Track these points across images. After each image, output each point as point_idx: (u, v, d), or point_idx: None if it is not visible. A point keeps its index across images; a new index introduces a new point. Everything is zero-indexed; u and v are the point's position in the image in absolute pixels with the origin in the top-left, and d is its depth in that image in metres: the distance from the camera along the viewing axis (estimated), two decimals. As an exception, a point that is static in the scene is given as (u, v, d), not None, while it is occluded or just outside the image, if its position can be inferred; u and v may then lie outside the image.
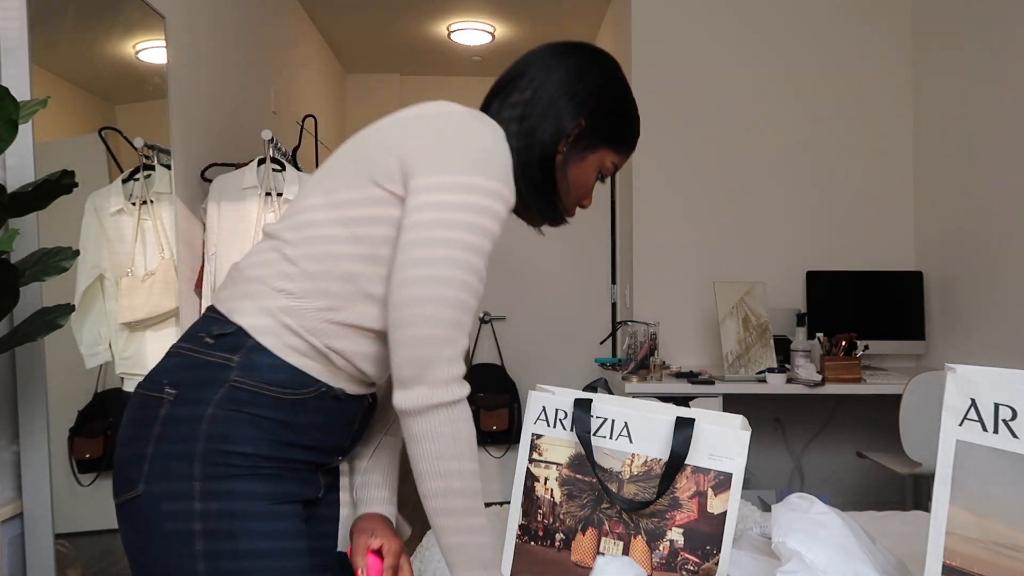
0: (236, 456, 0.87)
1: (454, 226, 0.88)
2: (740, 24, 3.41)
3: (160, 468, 0.86)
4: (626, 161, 1.11)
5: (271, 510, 0.89)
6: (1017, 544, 0.77)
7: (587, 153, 1.04)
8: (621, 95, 1.06)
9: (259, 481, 0.89)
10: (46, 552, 1.67)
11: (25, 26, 1.66)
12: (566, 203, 1.07)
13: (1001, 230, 2.70)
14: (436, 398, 0.86)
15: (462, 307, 0.88)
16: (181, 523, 0.85)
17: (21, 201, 1.41)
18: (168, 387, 0.89)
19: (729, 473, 0.99)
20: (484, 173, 0.90)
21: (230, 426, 0.87)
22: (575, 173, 1.05)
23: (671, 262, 3.39)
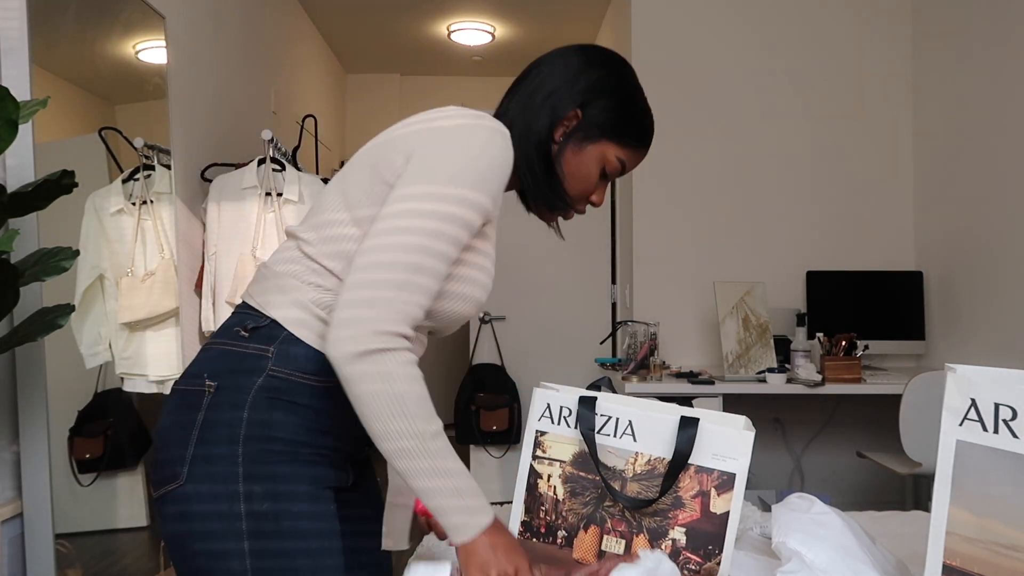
0: (277, 441, 0.91)
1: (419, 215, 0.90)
2: (740, 24, 3.41)
3: (205, 456, 0.90)
4: (637, 161, 1.11)
5: (312, 493, 0.93)
6: (1017, 544, 0.77)
7: (585, 144, 1.05)
8: (625, 89, 1.08)
9: (299, 465, 0.93)
10: (46, 552, 1.67)
11: (25, 26, 1.66)
12: (571, 195, 1.08)
13: (1001, 230, 2.70)
14: (363, 345, 0.85)
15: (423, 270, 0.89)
16: (226, 521, 0.89)
17: (21, 201, 1.41)
18: (208, 380, 0.94)
19: (732, 473, 0.99)
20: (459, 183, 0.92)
21: (270, 413, 0.92)
22: (573, 164, 1.05)
23: (671, 262, 3.39)
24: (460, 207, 0.91)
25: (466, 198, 0.92)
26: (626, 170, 1.11)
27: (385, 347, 0.86)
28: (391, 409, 0.86)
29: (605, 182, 1.10)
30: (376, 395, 0.85)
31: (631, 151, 1.09)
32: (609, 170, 1.08)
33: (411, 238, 0.89)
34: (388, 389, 0.85)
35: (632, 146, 1.08)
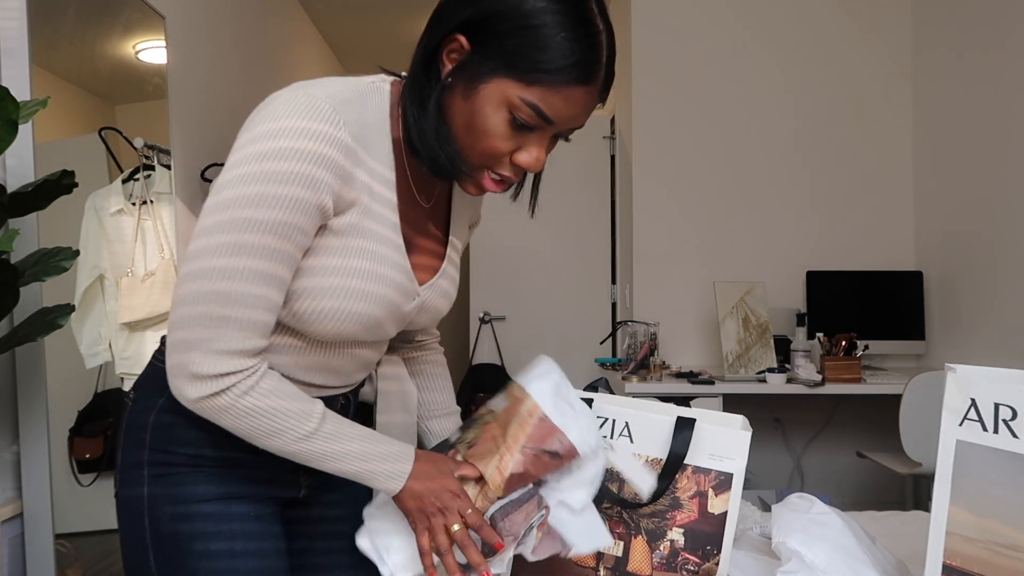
0: (179, 457, 0.88)
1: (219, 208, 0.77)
2: (740, 25, 3.41)
3: (124, 466, 0.90)
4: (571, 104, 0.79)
5: (219, 510, 0.88)
6: (1017, 544, 0.77)
7: (476, 83, 0.79)
8: (527, 4, 0.77)
9: (204, 481, 0.88)
10: (46, 552, 1.67)
11: (25, 26, 1.66)
12: (470, 153, 0.83)
13: (1001, 230, 2.70)
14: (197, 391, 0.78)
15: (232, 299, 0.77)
16: (136, 525, 0.88)
17: (21, 201, 1.41)
18: (132, 392, 0.94)
19: (730, 473, 0.99)
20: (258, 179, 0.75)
21: (172, 430, 0.88)
22: (465, 110, 0.81)
23: (671, 262, 3.39)
24: (261, 208, 0.75)
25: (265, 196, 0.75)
26: (553, 118, 0.80)
27: (214, 391, 0.78)
28: (257, 435, 0.81)
29: (532, 135, 0.82)
30: (237, 428, 0.81)
31: (546, 90, 0.78)
32: (520, 117, 0.79)
33: (210, 261, 0.76)
34: (240, 424, 0.80)
35: (546, 83, 0.77)
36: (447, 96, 0.82)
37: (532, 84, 0.78)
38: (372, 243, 0.84)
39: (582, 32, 0.78)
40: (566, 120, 0.82)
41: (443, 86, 0.82)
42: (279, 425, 0.81)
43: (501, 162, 0.84)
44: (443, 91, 0.82)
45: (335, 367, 0.93)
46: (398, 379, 1.06)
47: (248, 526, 0.90)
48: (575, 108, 0.80)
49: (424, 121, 0.83)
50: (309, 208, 0.78)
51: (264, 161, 0.76)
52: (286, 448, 0.82)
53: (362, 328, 0.86)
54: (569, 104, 0.79)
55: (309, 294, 0.82)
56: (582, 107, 0.81)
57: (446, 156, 0.83)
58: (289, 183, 0.76)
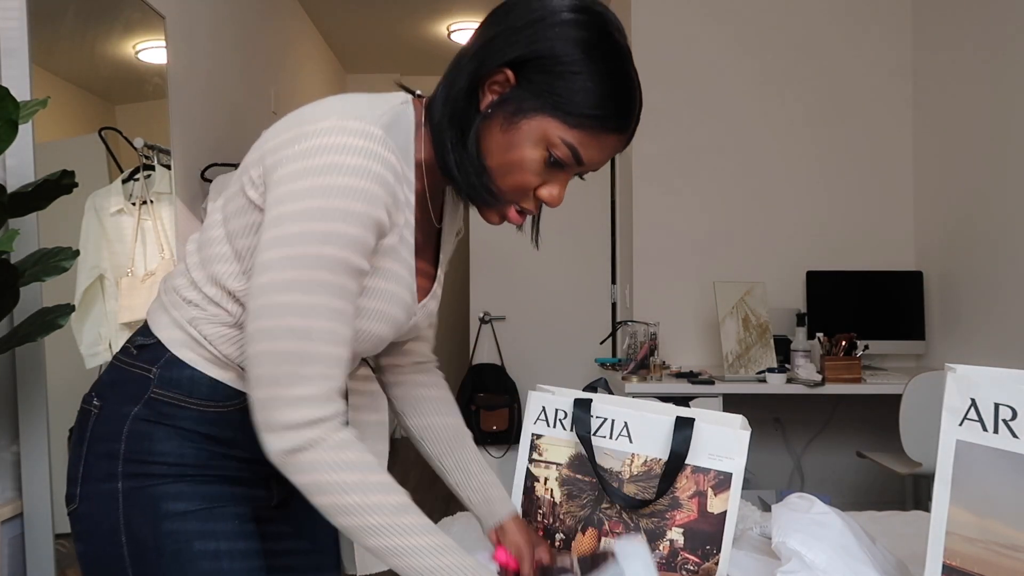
0: (159, 465, 0.85)
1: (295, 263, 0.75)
2: (740, 25, 3.41)
3: (90, 480, 0.86)
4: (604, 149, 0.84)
5: (201, 512, 0.86)
6: (1017, 544, 0.77)
7: (518, 118, 0.81)
8: (580, 51, 0.79)
9: (185, 485, 0.86)
10: (46, 552, 1.67)
11: (25, 26, 1.66)
12: (500, 183, 0.84)
13: (1001, 230, 2.70)
14: (283, 444, 0.76)
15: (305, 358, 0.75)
16: (111, 544, 0.85)
17: (21, 201, 1.41)
18: (96, 399, 0.90)
19: (729, 473, 0.99)
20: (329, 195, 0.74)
21: (150, 437, 0.85)
22: (502, 144, 0.82)
23: (671, 262, 3.39)
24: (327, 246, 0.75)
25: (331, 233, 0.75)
26: (585, 161, 0.83)
27: (301, 444, 0.76)
28: (332, 503, 0.77)
29: (559, 173, 0.84)
30: (309, 488, 0.77)
31: (586, 134, 0.81)
32: (558, 157, 0.82)
33: (293, 296, 0.75)
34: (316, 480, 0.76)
35: (588, 128, 0.81)
36: (485, 125, 0.83)
37: (575, 127, 0.80)
38: (399, 267, 0.85)
39: (625, 85, 0.83)
40: (594, 163, 0.85)
41: (483, 115, 0.83)
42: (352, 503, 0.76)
43: (527, 196, 0.86)
44: (483, 120, 0.83)
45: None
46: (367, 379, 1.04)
47: (231, 526, 0.88)
48: (605, 154, 0.84)
49: (463, 150, 0.84)
50: (370, 247, 0.79)
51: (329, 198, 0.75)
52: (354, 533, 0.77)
53: (371, 346, 0.87)
54: (602, 150, 0.83)
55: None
56: (610, 153, 0.85)
57: (482, 185, 0.84)
58: (356, 224, 0.76)
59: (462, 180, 0.85)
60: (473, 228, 3.96)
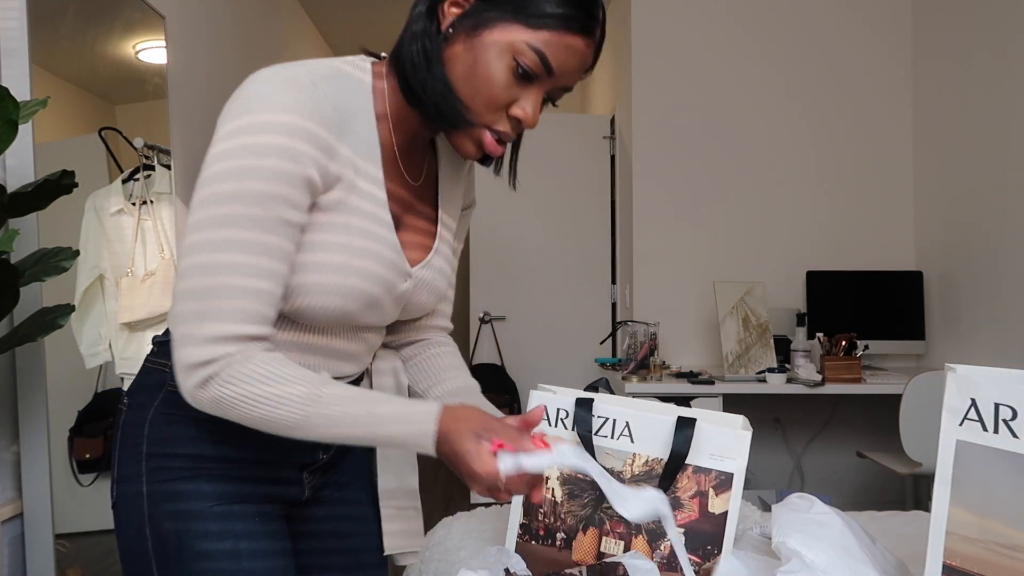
0: (177, 458, 0.86)
1: (212, 201, 0.76)
2: (740, 24, 3.41)
3: (122, 476, 0.88)
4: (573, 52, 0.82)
5: (221, 511, 0.86)
6: (1017, 544, 0.77)
7: (480, 30, 0.80)
8: None
9: (204, 482, 0.87)
10: (46, 552, 1.67)
11: (25, 26, 1.66)
12: (469, 104, 0.82)
13: (1001, 230, 2.70)
14: (191, 380, 0.76)
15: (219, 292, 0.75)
16: (136, 528, 0.86)
17: (21, 201, 1.41)
18: (125, 399, 0.92)
19: (730, 473, 0.99)
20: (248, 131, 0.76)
21: (169, 430, 0.86)
22: (467, 60, 0.81)
23: (671, 262, 3.39)
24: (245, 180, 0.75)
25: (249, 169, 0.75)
26: (555, 66, 0.81)
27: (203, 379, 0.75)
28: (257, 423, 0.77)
29: (531, 87, 0.83)
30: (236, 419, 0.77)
31: (551, 36, 0.80)
32: (527, 67, 0.80)
33: (202, 234, 0.75)
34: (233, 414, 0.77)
35: (556, 29, 0.79)
36: (448, 46, 0.82)
37: (539, 28, 0.79)
38: (359, 219, 0.84)
39: None
40: (564, 72, 0.83)
41: (444, 37, 0.82)
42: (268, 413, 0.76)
43: (500, 116, 0.84)
44: (444, 42, 0.82)
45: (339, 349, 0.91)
46: (394, 373, 1.04)
47: (251, 526, 0.88)
48: (574, 60, 0.82)
49: (428, 71, 0.83)
50: (294, 180, 0.77)
51: (244, 136, 0.76)
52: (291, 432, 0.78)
53: (356, 304, 0.85)
54: (570, 54, 0.81)
55: (298, 269, 0.81)
56: (579, 61, 0.83)
57: (449, 106, 0.83)
58: (272, 156, 0.75)
59: (430, 103, 0.83)
60: (473, 228, 3.96)
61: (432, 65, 0.82)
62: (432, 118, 0.85)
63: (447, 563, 1.26)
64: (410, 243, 0.93)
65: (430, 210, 0.98)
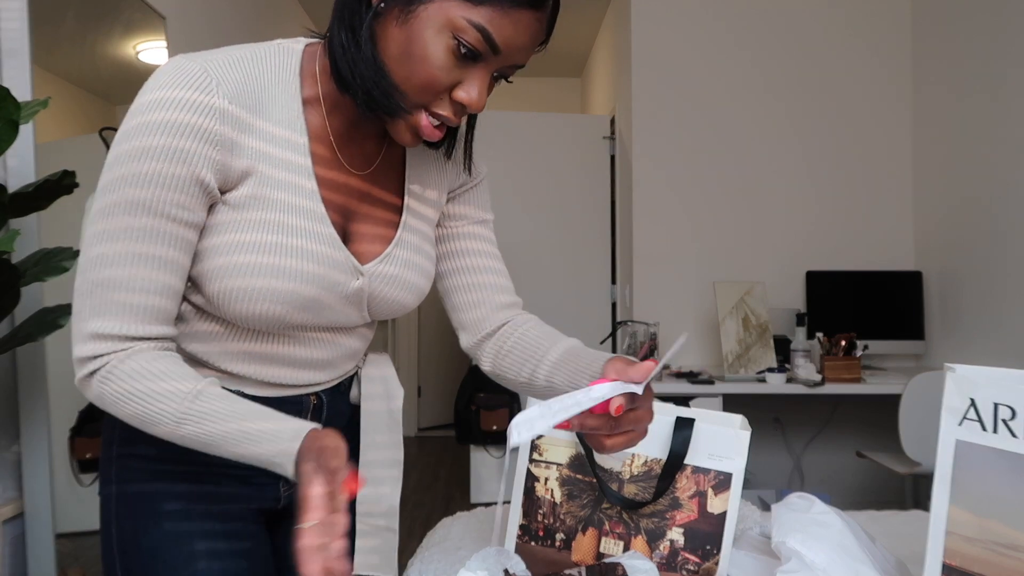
0: (141, 459, 0.85)
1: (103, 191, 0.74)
2: (739, 25, 3.41)
3: (101, 477, 0.88)
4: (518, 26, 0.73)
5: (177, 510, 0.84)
6: (1017, 544, 0.77)
7: (415, 5, 0.72)
8: None
9: (165, 482, 0.85)
10: (47, 552, 1.68)
11: (26, 27, 1.66)
12: (404, 87, 0.74)
13: (1001, 230, 2.70)
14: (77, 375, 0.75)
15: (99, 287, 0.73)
16: (106, 527, 0.86)
17: (22, 201, 1.41)
18: None
19: (729, 473, 0.99)
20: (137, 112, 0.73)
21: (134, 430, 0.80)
22: (401, 37, 0.73)
23: (671, 262, 3.39)
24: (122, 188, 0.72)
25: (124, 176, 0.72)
26: (501, 45, 0.73)
27: (83, 374, 0.75)
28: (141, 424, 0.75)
29: (475, 68, 0.75)
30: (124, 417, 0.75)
31: (495, 10, 0.71)
32: (465, 41, 0.72)
33: (87, 251, 0.74)
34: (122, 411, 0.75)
35: (495, 1, 0.71)
36: (379, 23, 0.74)
37: (480, 3, 0.71)
38: (278, 214, 0.77)
39: None
40: (513, 50, 0.74)
41: (375, 12, 0.74)
42: (151, 409, 0.74)
43: (439, 99, 0.76)
44: (375, 17, 0.74)
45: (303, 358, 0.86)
46: (384, 381, 1.00)
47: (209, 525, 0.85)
48: (523, 36, 0.74)
49: (357, 51, 0.75)
50: (183, 183, 0.73)
51: (131, 139, 0.72)
52: (171, 434, 0.75)
53: (290, 308, 0.79)
54: (518, 30, 0.73)
55: (216, 275, 0.76)
56: (529, 36, 0.74)
57: (380, 90, 0.75)
58: (156, 159, 0.72)
59: (359, 85, 0.75)
60: (473, 228, 3.96)
61: (361, 46, 0.74)
62: (362, 104, 0.77)
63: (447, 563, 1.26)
64: (366, 235, 0.85)
65: (394, 198, 0.89)
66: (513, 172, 3.84)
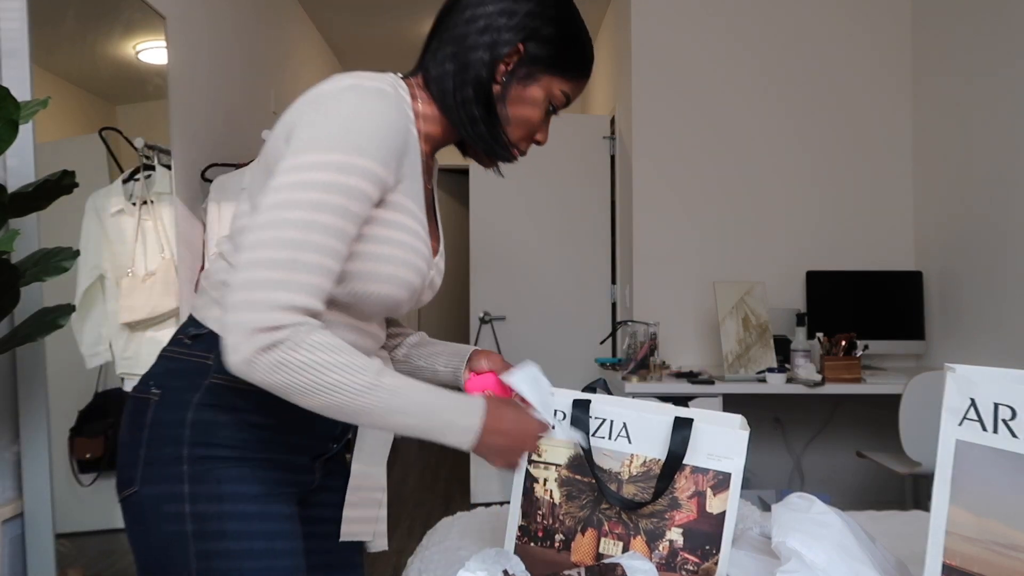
0: (221, 447, 0.91)
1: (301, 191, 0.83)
2: (739, 25, 3.41)
3: (152, 468, 0.91)
4: (580, 91, 1.06)
5: (260, 494, 0.92)
6: (1017, 544, 0.77)
7: (529, 82, 0.99)
8: (564, 17, 1.01)
9: (245, 468, 0.92)
10: (47, 552, 1.68)
11: (26, 27, 1.66)
12: (513, 138, 1.02)
13: (1001, 229, 2.70)
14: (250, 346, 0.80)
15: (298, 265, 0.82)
16: (174, 523, 0.89)
17: (22, 201, 1.41)
18: (154, 388, 0.94)
19: (728, 473, 0.99)
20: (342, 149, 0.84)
21: (213, 417, 0.91)
22: (519, 105, 1.00)
23: (671, 262, 3.39)
24: (340, 174, 0.84)
25: (346, 164, 0.84)
26: (570, 102, 1.06)
27: (268, 343, 0.80)
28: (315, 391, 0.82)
29: (549, 118, 1.05)
30: (292, 386, 0.81)
31: (577, 82, 1.04)
32: (556, 105, 1.03)
33: (289, 213, 0.82)
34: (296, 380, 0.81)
35: (578, 77, 1.03)
36: (500, 92, 0.99)
37: (573, 79, 1.03)
38: (409, 218, 0.95)
39: (589, 41, 1.05)
40: (572, 104, 1.07)
41: (499, 84, 0.99)
42: (337, 379, 0.82)
43: (526, 142, 1.05)
44: (498, 92, 0.99)
45: (361, 345, 0.99)
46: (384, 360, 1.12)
47: (283, 509, 0.95)
48: (580, 93, 1.07)
49: (494, 118, 1.00)
50: (368, 200, 0.88)
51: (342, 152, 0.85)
52: (349, 404, 0.83)
53: (404, 292, 0.95)
54: (578, 92, 1.06)
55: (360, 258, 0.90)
56: (581, 92, 1.07)
57: (500, 143, 1.02)
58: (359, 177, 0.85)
59: (487, 144, 1.02)
60: (473, 228, 3.96)
61: (491, 114, 1.00)
62: (482, 150, 1.04)
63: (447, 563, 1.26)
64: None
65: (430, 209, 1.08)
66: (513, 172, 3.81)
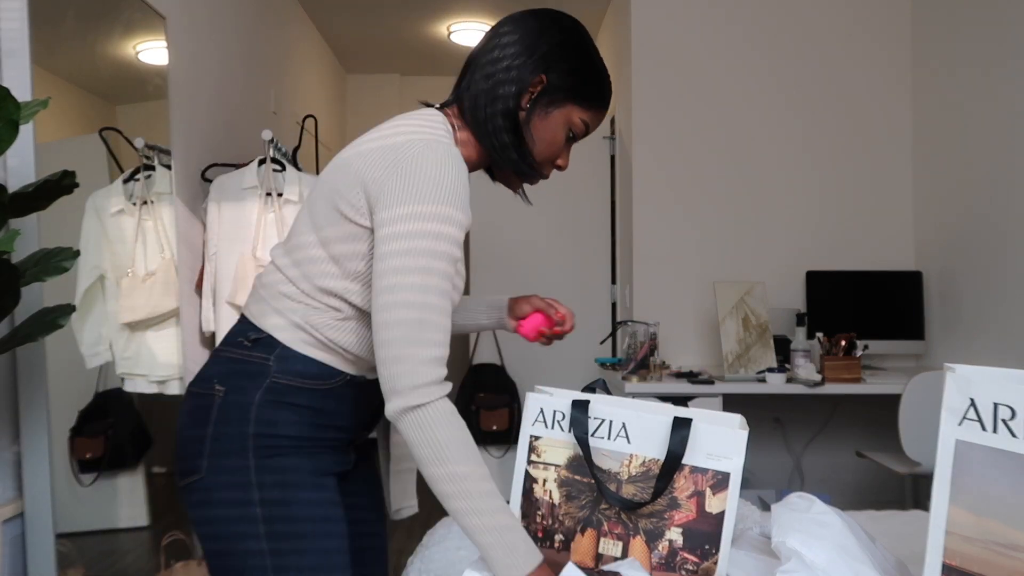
0: (282, 438, 1.05)
1: (413, 253, 0.96)
2: (740, 24, 3.41)
3: (220, 452, 1.04)
4: (600, 120, 1.14)
5: (315, 481, 1.07)
6: (1017, 544, 0.77)
7: (552, 109, 1.09)
8: (582, 51, 1.11)
9: (303, 457, 1.06)
10: (47, 552, 1.68)
11: (26, 27, 1.66)
12: (539, 161, 1.12)
13: (1001, 229, 2.70)
14: (406, 402, 0.95)
15: (426, 324, 0.96)
16: (242, 495, 1.02)
17: (22, 201, 1.41)
18: (218, 384, 1.07)
19: (727, 472, 0.99)
20: (436, 201, 0.97)
21: (274, 414, 1.04)
22: (541, 130, 1.10)
23: (671, 262, 3.39)
24: (444, 226, 0.97)
25: (447, 217, 0.97)
26: (589, 131, 1.14)
27: (422, 402, 0.95)
28: (432, 456, 0.95)
29: (570, 145, 1.14)
30: (417, 444, 0.95)
31: (594, 112, 1.12)
32: (576, 132, 1.12)
33: (414, 278, 0.96)
34: (425, 437, 0.95)
35: (595, 107, 1.12)
36: (526, 120, 1.09)
37: (591, 109, 1.11)
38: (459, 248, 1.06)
39: (606, 71, 1.14)
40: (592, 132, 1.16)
41: (525, 111, 1.09)
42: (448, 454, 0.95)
43: (549, 166, 1.15)
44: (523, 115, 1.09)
45: None
46: None
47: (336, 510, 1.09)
48: (599, 123, 1.15)
49: (523, 146, 1.10)
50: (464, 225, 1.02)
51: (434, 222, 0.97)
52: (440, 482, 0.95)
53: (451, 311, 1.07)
54: (599, 120, 1.15)
55: None
56: (600, 121, 1.16)
57: (527, 165, 1.12)
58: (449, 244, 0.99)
59: (517, 166, 1.12)
60: (474, 228, 3.96)
61: (520, 141, 1.10)
62: (508, 174, 1.16)
63: (447, 563, 1.26)
64: None
65: None
66: (513, 172, 3.83)
